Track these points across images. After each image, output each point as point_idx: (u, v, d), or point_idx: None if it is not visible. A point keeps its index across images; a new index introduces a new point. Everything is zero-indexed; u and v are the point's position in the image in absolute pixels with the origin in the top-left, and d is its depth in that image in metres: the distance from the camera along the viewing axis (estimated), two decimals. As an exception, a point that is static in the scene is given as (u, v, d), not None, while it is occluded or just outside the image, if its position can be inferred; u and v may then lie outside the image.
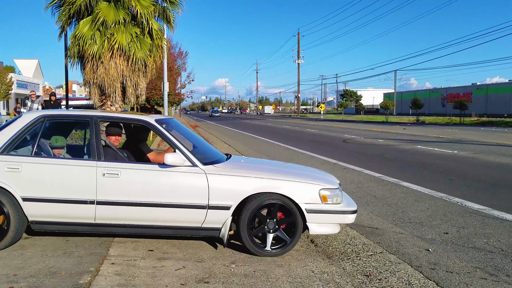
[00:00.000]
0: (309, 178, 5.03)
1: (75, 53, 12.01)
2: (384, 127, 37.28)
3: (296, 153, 15.92)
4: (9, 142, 4.84)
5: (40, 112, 5.16)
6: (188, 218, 4.78)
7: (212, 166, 4.93)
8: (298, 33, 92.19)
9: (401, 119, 61.98)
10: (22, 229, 4.78)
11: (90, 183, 4.71)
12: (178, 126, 5.90)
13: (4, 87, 54.74)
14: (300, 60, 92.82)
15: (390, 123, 48.24)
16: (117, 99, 12.88)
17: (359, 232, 5.76)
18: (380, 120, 57.85)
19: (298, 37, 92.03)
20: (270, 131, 31.50)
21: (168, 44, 16.46)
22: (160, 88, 32.09)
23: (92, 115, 5.12)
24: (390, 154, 15.46)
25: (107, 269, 4.28)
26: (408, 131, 30.52)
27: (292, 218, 4.80)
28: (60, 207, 4.71)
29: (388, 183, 9.51)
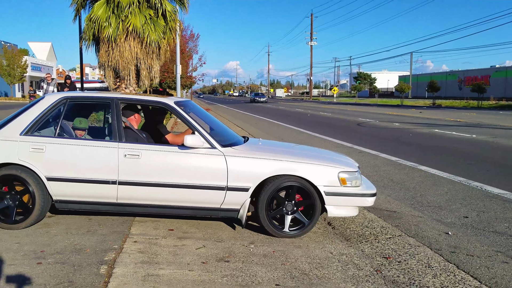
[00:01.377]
0: (328, 161, 5.09)
1: (90, 36, 12.15)
2: (399, 111, 37.07)
3: (310, 136, 15.96)
4: (32, 124, 4.98)
5: (62, 94, 5.28)
6: (207, 199, 4.89)
7: (230, 148, 5.02)
8: (312, 14, 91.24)
9: (417, 102, 61.50)
10: (46, 207, 4.95)
11: (112, 163, 4.83)
12: (195, 108, 5.99)
13: (19, 70, 55.35)
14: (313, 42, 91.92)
15: (405, 107, 47.88)
16: (131, 82, 13.03)
17: (377, 215, 5.83)
18: (395, 104, 57.43)
19: (312, 18, 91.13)
20: (282, 114, 31.50)
21: (181, 25, 16.48)
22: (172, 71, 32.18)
23: (113, 97, 5.23)
24: (407, 138, 15.43)
25: (130, 247, 4.42)
26: (424, 115, 30.33)
27: (311, 201, 4.89)
28: (83, 187, 4.85)
29: (405, 167, 9.54)
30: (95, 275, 3.73)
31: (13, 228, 4.83)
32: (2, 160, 4.84)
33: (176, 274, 3.81)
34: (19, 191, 4.87)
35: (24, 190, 4.86)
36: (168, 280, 3.69)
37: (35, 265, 3.91)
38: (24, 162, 4.83)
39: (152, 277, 3.74)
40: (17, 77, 55.65)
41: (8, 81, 55.69)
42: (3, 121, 5.13)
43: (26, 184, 4.82)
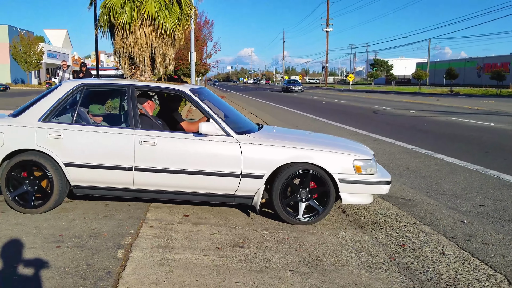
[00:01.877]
0: (343, 149, 5.10)
1: (105, 23, 12.23)
2: (416, 98, 36.72)
3: (325, 124, 15.93)
4: (50, 110, 5.07)
5: (79, 81, 5.36)
6: (221, 185, 4.95)
7: (245, 135, 5.05)
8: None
9: (434, 89, 60.77)
10: (64, 193, 5.06)
11: (128, 150, 4.91)
12: (210, 96, 6.03)
13: (35, 57, 56.01)
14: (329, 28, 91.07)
15: (422, 94, 47.37)
16: (146, 69, 13.10)
17: (391, 203, 5.84)
18: (412, 91, 56.83)
19: (328, 4, 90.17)
20: (297, 102, 31.43)
21: (195, 12, 16.47)
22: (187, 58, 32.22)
23: (129, 84, 5.29)
24: (423, 125, 15.32)
25: (146, 231, 4.51)
26: (441, 102, 30.00)
27: (325, 188, 4.91)
28: (100, 173, 4.94)
29: (421, 155, 9.50)
30: (113, 258, 3.83)
31: (32, 213, 4.95)
32: (21, 146, 4.95)
33: (191, 259, 3.89)
34: (37, 177, 4.99)
35: (42, 175, 4.97)
36: (183, 264, 3.77)
37: (54, 248, 4.02)
38: (42, 148, 4.93)
39: (168, 261, 3.82)
40: (34, 64, 56.34)
41: (24, 68, 56.41)
42: (21, 108, 5.23)
43: (44, 170, 4.93)
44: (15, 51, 55.21)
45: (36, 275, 3.49)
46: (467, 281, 3.62)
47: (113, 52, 13.80)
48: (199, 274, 3.61)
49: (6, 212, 5.03)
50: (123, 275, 3.51)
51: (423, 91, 56.86)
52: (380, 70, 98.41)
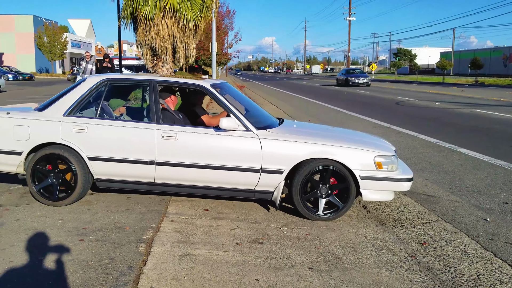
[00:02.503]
0: (364, 145, 5.07)
1: (128, 15, 12.31)
2: (440, 89, 36.11)
3: (346, 115, 15.81)
4: (75, 105, 5.15)
5: (103, 76, 5.43)
6: (241, 180, 4.97)
7: (265, 130, 5.06)
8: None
9: (459, 80, 59.63)
10: (88, 186, 5.15)
11: (150, 144, 4.96)
12: (231, 90, 6.04)
13: (59, 46, 56.78)
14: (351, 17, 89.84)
15: (446, 84, 46.55)
16: (168, 60, 13.15)
17: (413, 199, 5.79)
18: (435, 81, 55.88)
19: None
20: (318, 92, 31.23)
21: (217, 3, 16.44)
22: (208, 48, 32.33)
23: (151, 79, 5.33)
24: (447, 118, 15.08)
25: (167, 226, 4.57)
26: (466, 93, 29.45)
27: (345, 184, 4.89)
28: (122, 167, 5.01)
29: (444, 149, 9.36)
30: (134, 253, 3.89)
31: (56, 205, 5.06)
32: (46, 139, 5.05)
33: (211, 255, 3.93)
34: (62, 170, 5.08)
35: (66, 168, 5.06)
36: (203, 260, 3.81)
37: (78, 241, 4.10)
38: (66, 141, 5.02)
39: (188, 256, 3.87)
40: (58, 54, 57.12)
41: (49, 58, 57.22)
42: (47, 102, 5.33)
43: (68, 163, 5.01)
44: (40, 40, 55.99)
45: (60, 269, 3.57)
46: (489, 282, 3.58)
47: (136, 43, 13.90)
48: (218, 270, 3.64)
49: (31, 204, 5.15)
50: (144, 270, 3.57)
51: (447, 81, 55.85)
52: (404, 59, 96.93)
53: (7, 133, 5.10)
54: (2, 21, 61.86)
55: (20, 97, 21.84)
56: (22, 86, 32.79)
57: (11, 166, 5.16)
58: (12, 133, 5.08)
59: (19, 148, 5.07)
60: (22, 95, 23.71)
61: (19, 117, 5.15)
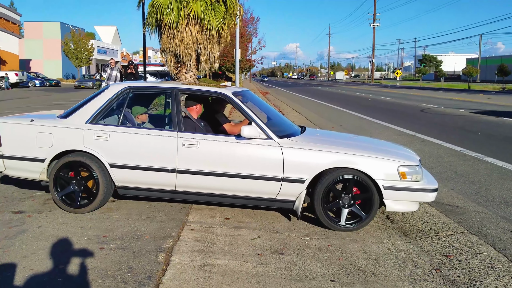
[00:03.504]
0: (387, 154, 4.96)
1: (153, 22, 12.46)
2: (466, 96, 35.47)
3: (370, 122, 15.63)
4: (97, 112, 5.19)
5: (126, 84, 5.46)
6: (262, 189, 4.92)
7: (287, 139, 5.00)
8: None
9: (485, 87, 58.51)
10: (109, 193, 5.17)
11: (172, 152, 4.96)
12: (253, 98, 6.00)
13: (85, 53, 57.81)
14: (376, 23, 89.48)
15: (473, 91, 45.71)
16: (191, 67, 13.25)
17: (438, 210, 5.65)
18: (461, 88, 54.94)
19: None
20: (342, 99, 31.01)
21: (241, 10, 16.50)
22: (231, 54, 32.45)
23: (173, 87, 5.34)
24: (473, 126, 14.77)
25: (187, 234, 4.54)
26: (493, 101, 28.84)
27: (368, 194, 4.80)
28: (144, 174, 5.02)
29: (470, 158, 9.14)
30: (154, 262, 3.87)
31: (78, 212, 5.09)
32: (69, 147, 5.09)
33: (231, 265, 3.88)
34: (84, 177, 5.12)
35: (88, 176, 5.09)
36: (223, 271, 3.76)
37: (98, 250, 4.11)
38: (89, 149, 5.05)
39: (208, 266, 3.83)
40: (84, 60, 58.14)
41: (75, 64, 58.27)
42: (71, 110, 5.38)
43: (90, 170, 5.04)
44: (66, 47, 57.09)
45: (79, 277, 3.57)
46: (518, 299, 3.44)
47: (160, 50, 14.06)
48: (238, 281, 3.59)
49: (54, 211, 5.19)
50: (163, 280, 3.54)
51: (473, 88, 54.86)
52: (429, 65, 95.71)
53: (31, 140, 5.16)
54: (31, 28, 63.38)
55: (46, 103, 22.27)
56: (48, 92, 33.44)
57: (34, 173, 5.22)
58: (36, 140, 5.14)
59: (42, 155, 5.12)
60: (48, 101, 24.18)
61: (42, 124, 5.21)
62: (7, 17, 50.93)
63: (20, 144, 5.21)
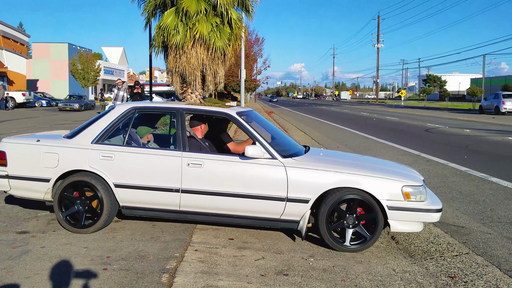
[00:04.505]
0: (391, 174, 4.95)
1: (159, 43, 12.64)
2: (470, 116, 35.42)
3: (374, 142, 15.60)
4: (103, 132, 5.23)
5: (131, 104, 5.50)
6: (267, 209, 4.90)
7: (291, 159, 5.00)
8: (378, 16, 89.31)
9: (490, 107, 58.31)
10: (113, 213, 5.17)
11: (176, 172, 4.97)
12: (257, 118, 6.03)
13: (92, 73, 58.30)
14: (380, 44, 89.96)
15: (477, 111, 45.62)
16: (197, 87, 13.36)
17: (443, 230, 5.60)
18: (466, 108, 54.87)
19: (378, 20, 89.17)
20: (346, 118, 31.03)
21: (246, 32, 16.69)
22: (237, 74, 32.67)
23: (178, 107, 5.38)
24: (478, 146, 14.71)
25: (191, 255, 4.51)
26: (497, 121, 28.76)
27: (373, 214, 4.77)
28: (148, 194, 5.02)
29: (475, 178, 9.09)
30: (157, 283, 3.84)
31: (82, 232, 5.08)
32: (74, 167, 5.11)
33: (235, 286, 3.84)
34: (88, 197, 5.12)
35: (93, 196, 5.10)
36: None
37: (101, 271, 4.08)
38: (94, 169, 5.07)
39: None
40: (91, 80, 58.55)
41: (82, 84, 58.66)
42: (76, 130, 5.42)
43: (95, 190, 5.05)
44: (73, 68, 57.58)
45: (83, 298, 3.55)
46: (526, 322, 3.39)
47: (166, 71, 14.21)
48: (241, 303, 3.56)
49: (58, 231, 5.18)
50: (166, 301, 3.51)
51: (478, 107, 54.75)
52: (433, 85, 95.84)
53: (37, 160, 5.19)
54: (39, 48, 64.17)
55: (52, 123, 22.41)
56: (55, 112, 33.65)
57: (39, 193, 5.23)
58: (42, 160, 5.17)
59: (47, 175, 5.14)
60: (54, 121, 24.33)
61: (48, 144, 5.25)
62: (16, 38, 51.58)
63: (25, 164, 5.23)
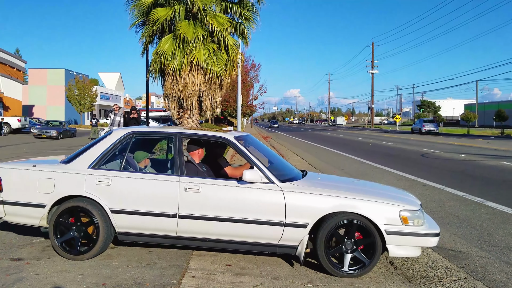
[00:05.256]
0: (389, 198, 4.95)
1: (157, 69, 12.71)
2: (465, 141, 35.58)
3: (370, 167, 15.62)
4: (100, 157, 5.22)
5: (129, 129, 5.51)
6: (264, 234, 4.87)
7: (289, 183, 5.00)
8: (372, 43, 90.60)
9: (484, 131, 58.76)
10: (110, 239, 5.11)
11: (173, 197, 4.94)
12: (254, 142, 6.05)
13: (89, 99, 58.47)
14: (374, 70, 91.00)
15: (472, 136, 45.91)
16: (194, 112, 13.38)
17: (441, 255, 5.57)
18: (461, 133, 55.19)
19: (372, 47, 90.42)
20: (342, 143, 31.11)
21: (242, 58, 16.86)
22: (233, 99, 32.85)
23: (175, 132, 5.39)
24: (473, 170, 14.75)
25: (188, 282, 4.45)
26: (492, 145, 28.91)
27: (371, 239, 4.75)
28: (145, 220, 4.98)
29: (471, 202, 9.09)
30: (154, 310, 3.78)
31: (78, 259, 5.01)
32: (70, 192, 5.08)
33: (233, 313, 3.79)
34: (84, 223, 5.07)
35: (89, 221, 5.05)
36: (224, 319, 3.67)
37: (97, 298, 4.02)
38: (90, 194, 5.04)
39: (209, 314, 3.74)
40: (87, 106, 58.67)
41: (78, 110, 58.74)
42: (73, 155, 5.40)
43: (91, 216, 5.01)
44: (70, 93, 57.70)
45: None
46: None
47: (163, 96, 14.25)
48: (240, 330, 3.50)
49: (53, 258, 5.11)
50: (163, 329, 3.45)
51: (472, 133, 55.11)
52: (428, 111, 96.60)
53: (32, 185, 5.15)
54: (35, 74, 64.32)
55: (48, 149, 22.34)
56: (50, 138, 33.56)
57: (34, 219, 5.18)
58: (37, 185, 5.14)
59: (43, 201, 5.10)
60: (50, 146, 24.26)
61: (44, 169, 5.22)
62: (12, 64, 51.83)
63: (21, 190, 5.20)
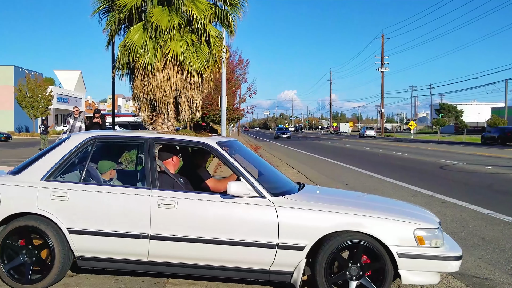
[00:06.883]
0: (401, 215, 4.98)
1: (124, 64, 12.68)
2: (492, 151, 35.93)
3: (381, 181, 15.72)
4: (55, 167, 5.20)
5: (90, 134, 5.50)
6: (253, 258, 4.88)
7: (282, 197, 5.02)
8: (382, 35, 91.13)
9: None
10: (67, 265, 5.09)
11: (144, 214, 4.94)
12: (242, 149, 6.08)
13: (43, 101, 57.94)
14: (385, 68, 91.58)
15: (500, 145, 46.38)
16: (169, 116, 13.38)
17: (464, 282, 5.62)
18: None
19: (382, 39, 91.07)
20: (347, 154, 31.29)
21: (227, 52, 16.91)
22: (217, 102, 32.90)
23: (146, 136, 5.40)
24: (501, 185, 14.90)
25: (162, 316, 4.45)
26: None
27: (380, 264, 4.77)
28: (109, 242, 4.97)
29: (499, 222, 9.19)
30: None
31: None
32: (19, 209, 5.05)
33: None
34: (36, 245, 5.05)
35: (42, 244, 5.03)
36: None
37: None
38: (44, 211, 5.02)
39: None
40: (41, 110, 58.15)
41: (30, 115, 58.19)
42: (23, 165, 5.39)
43: (45, 237, 4.99)
44: (20, 95, 57.08)
45: None
46: None
47: (132, 97, 14.24)
48: None
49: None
50: None
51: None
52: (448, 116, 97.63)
53: None
54: (-22, 72, 63.69)
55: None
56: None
57: None
58: (-21, 201, 5.10)
59: None
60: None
61: None
62: None
63: None
